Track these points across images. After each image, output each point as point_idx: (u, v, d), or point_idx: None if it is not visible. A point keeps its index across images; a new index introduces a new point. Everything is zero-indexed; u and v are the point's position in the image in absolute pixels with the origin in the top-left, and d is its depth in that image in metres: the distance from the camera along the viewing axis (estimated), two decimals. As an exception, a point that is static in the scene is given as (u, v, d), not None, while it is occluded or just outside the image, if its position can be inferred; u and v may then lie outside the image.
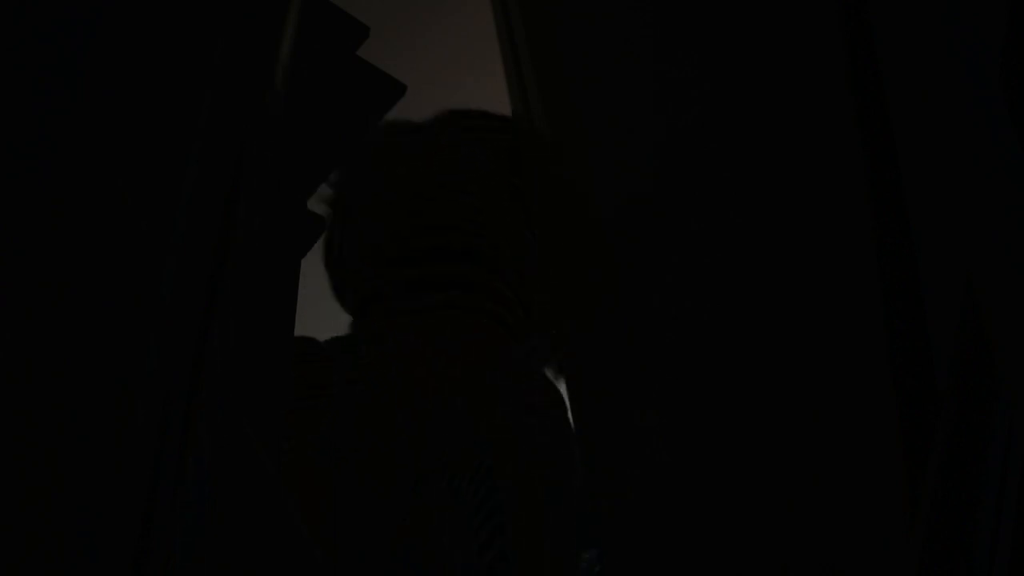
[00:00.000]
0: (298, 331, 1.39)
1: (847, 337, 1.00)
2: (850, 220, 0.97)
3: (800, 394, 1.06)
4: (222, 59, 1.02)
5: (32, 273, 0.82)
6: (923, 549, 0.76)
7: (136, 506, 0.78)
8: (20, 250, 0.82)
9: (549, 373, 1.28)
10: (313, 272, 1.56)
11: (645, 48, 1.27)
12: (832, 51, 0.97)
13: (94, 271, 0.85)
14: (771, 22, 1.11)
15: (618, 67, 1.30)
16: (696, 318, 1.17)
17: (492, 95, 1.72)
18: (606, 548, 1.23)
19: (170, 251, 0.90)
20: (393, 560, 1.15)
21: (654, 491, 1.18)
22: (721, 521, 1.10)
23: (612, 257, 1.28)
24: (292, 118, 1.12)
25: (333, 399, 1.25)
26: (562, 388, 1.35)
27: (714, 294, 1.16)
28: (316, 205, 1.53)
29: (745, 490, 1.09)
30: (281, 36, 1.09)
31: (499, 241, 1.23)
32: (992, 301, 0.77)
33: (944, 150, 0.85)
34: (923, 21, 0.87)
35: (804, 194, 1.08)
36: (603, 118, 1.33)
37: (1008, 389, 0.76)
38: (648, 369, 1.21)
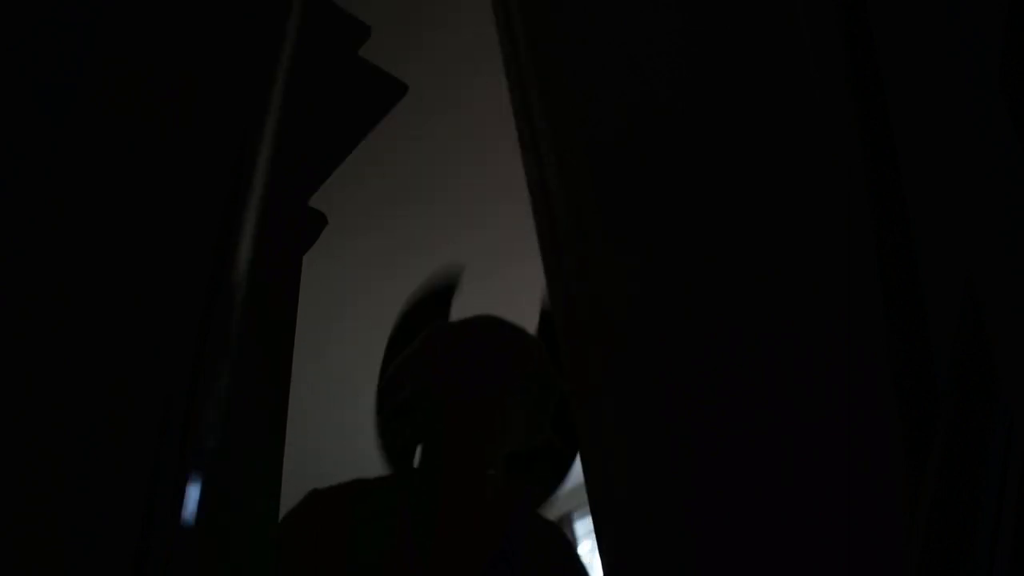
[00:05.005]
0: (299, 329, 1.39)
1: (847, 337, 1.00)
2: (850, 220, 0.97)
3: (800, 394, 1.06)
4: (224, 59, 1.02)
5: (32, 273, 0.82)
6: (923, 549, 0.76)
7: (136, 506, 0.78)
8: (20, 250, 0.82)
9: None
10: (313, 271, 1.57)
11: (645, 48, 1.27)
12: (832, 51, 0.97)
13: (94, 271, 0.86)
14: (771, 22, 1.11)
15: (619, 67, 1.30)
16: (696, 318, 1.17)
17: (492, 95, 1.73)
18: (605, 548, 1.23)
19: (171, 252, 0.90)
20: None
21: (654, 491, 1.18)
22: (721, 521, 1.10)
23: (611, 257, 1.28)
24: (294, 117, 1.12)
25: None
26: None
27: (714, 294, 1.16)
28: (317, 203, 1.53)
29: (745, 490, 1.09)
30: (283, 36, 1.09)
31: None
32: (992, 301, 0.77)
33: (944, 150, 0.85)
34: (923, 21, 0.87)
35: (804, 194, 1.08)
36: (603, 116, 1.33)
37: (1008, 389, 0.76)
38: (648, 369, 1.21)
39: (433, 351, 1.60)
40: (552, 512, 1.71)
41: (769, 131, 1.12)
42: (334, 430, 3.31)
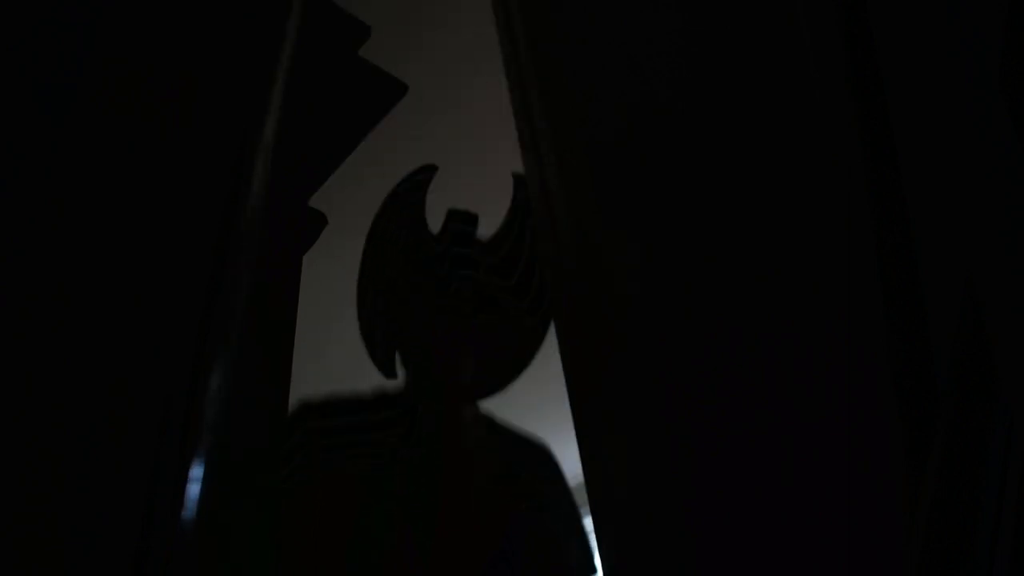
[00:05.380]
0: (299, 329, 1.39)
1: (847, 337, 1.00)
2: (850, 220, 0.97)
3: (800, 394, 1.06)
4: (224, 59, 1.02)
5: (32, 273, 0.82)
6: (923, 549, 0.76)
7: (136, 506, 0.78)
8: (20, 250, 0.82)
9: None
10: (313, 271, 1.57)
11: (645, 48, 1.27)
12: (832, 51, 0.97)
13: (94, 271, 0.85)
14: (771, 22, 1.11)
15: (619, 67, 1.30)
16: (696, 318, 1.17)
17: (492, 95, 1.72)
18: (605, 548, 1.23)
19: (171, 252, 0.90)
20: None
21: (654, 491, 1.18)
22: (721, 521, 1.10)
23: (611, 257, 1.28)
24: (294, 117, 1.12)
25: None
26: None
27: (714, 294, 1.16)
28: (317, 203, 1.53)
29: (745, 490, 1.09)
30: (283, 36, 1.09)
31: None
32: (992, 301, 0.77)
33: (944, 150, 0.85)
34: (923, 21, 0.87)
35: (804, 194, 1.08)
36: (603, 116, 1.33)
37: (1008, 389, 0.76)
38: (648, 369, 1.21)
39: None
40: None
41: (769, 131, 1.12)
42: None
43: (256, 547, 1.02)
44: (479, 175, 3.26)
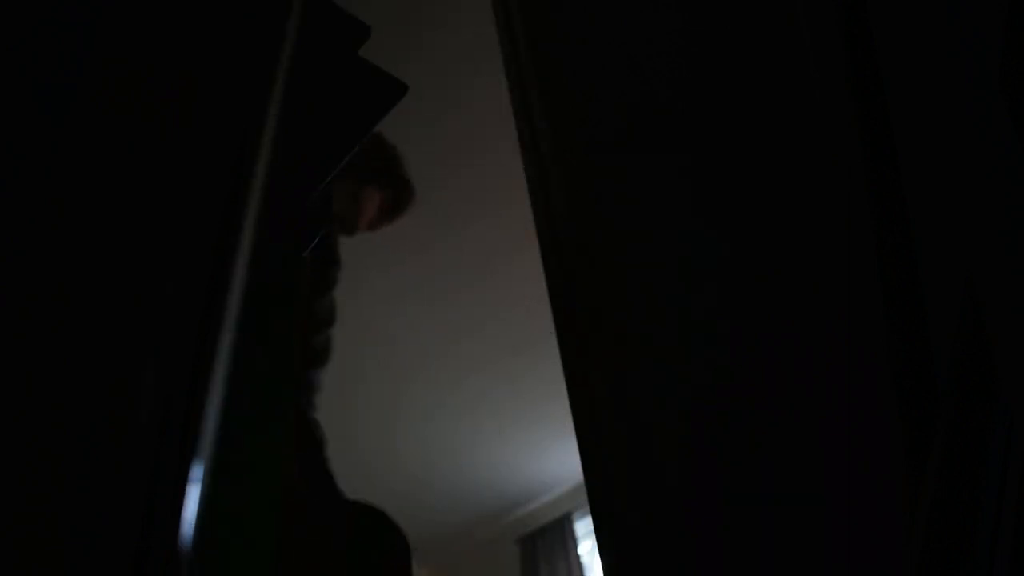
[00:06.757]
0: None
1: (847, 337, 1.00)
2: (850, 220, 0.97)
3: (800, 394, 1.06)
4: (224, 59, 1.02)
5: (32, 273, 0.82)
6: (923, 549, 0.76)
7: (136, 506, 0.78)
8: (20, 250, 0.82)
9: None
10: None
11: (645, 48, 1.27)
12: (832, 51, 0.97)
13: (94, 271, 0.86)
14: (771, 22, 1.11)
15: (619, 67, 1.30)
16: (696, 318, 1.17)
17: (492, 95, 1.73)
18: (605, 548, 1.23)
19: (170, 252, 0.90)
20: None
21: (654, 491, 1.18)
22: (721, 521, 1.10)
23: (611, 257, 1.28)
24: (294, 117, 1.12)
25: None
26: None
27: (714, 294, 1.16)
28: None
29: (745, 490, 1.09)
30: (283, 36, 1.09)
31: None
32: (992, 301, 0.77)
33: (944, 150, 0.85)
34: (923, 21, 0.87)
35: (804, 194, 1.08)
36: (603, 116, 1.33)
37: (1008, 389, 0.76)
38: (648, 369, 1.21)
39: None
40: (552, 512, 1.71)
41: (769, 131, 1.12)
42: (334, 429, 3.31)
43: (257, 547, 1.03)
44: (479, 175, 3.27)
